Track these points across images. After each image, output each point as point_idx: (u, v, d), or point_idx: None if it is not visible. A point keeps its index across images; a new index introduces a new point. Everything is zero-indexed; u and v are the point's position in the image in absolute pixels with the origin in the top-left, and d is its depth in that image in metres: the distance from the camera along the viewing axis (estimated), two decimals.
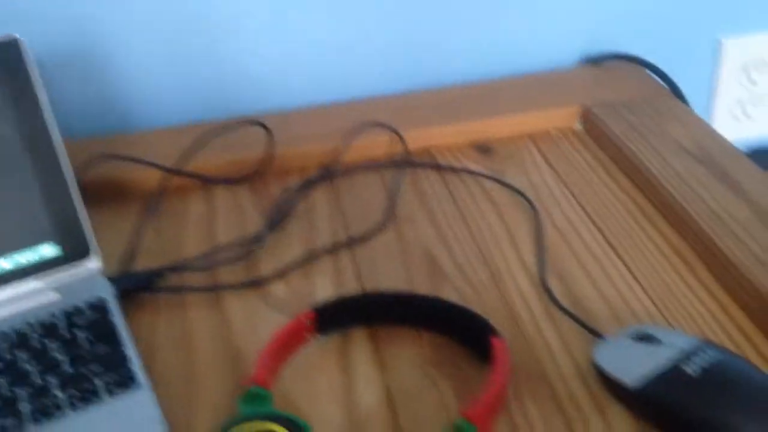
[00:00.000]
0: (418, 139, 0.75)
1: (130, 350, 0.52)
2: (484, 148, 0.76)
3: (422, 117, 0.78)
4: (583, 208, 0.66)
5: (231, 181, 0.73)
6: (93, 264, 0.58)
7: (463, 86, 0.83)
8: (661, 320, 0.53)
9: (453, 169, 0.73)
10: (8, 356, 0.51)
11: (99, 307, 0.55)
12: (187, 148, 0.73)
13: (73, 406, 0.47)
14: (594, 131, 0.76)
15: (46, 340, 0.52)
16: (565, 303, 0.55)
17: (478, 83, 0.83)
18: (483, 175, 0.71)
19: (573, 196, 0.68)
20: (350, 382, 0.51)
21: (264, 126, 0.72)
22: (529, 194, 0.68)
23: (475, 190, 0.70)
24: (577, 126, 0.79)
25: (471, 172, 0.72)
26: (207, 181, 0.72)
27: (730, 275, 0.55)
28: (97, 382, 0.49)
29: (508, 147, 0.76)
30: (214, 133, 0.73)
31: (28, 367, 0.50)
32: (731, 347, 0.51)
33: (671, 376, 0.44)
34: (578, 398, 0.47)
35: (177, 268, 0.61)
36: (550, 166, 0.72)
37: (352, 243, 0.64)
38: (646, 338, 0.47)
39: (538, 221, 0.64)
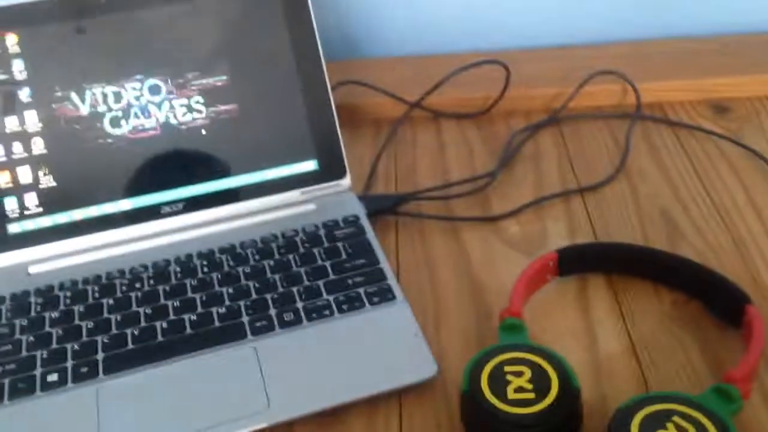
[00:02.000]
0: (649, 90, 0.74)
1: (386, 265, 0.56)
2: (720, 107, 0.73)
3: (655, 69, 0.76)
4: None
5: (460, 116, 0.75)
6: (346, 182, 0.63)
7: (695, 39, 0.80)
8: None
9: (686, 126, 0.71)
10: (280, 257, 0.57)
11: (354, 223, 0.60)
12: (425, 82, 0.75)
13: (340, 310, 0.53)
14: None
15: (310, 246, 0.57)
16: None
17: (711, 37, 0.80)
18: (719, 135, 0.69)
19: None
20: (589, 325, 0.52)
21: (505, 66, 0.73)
22: None
23: (711, 149, 0.68)
24: None
25: (706, 131, 0.70)
26: (438, 115, 0.75)
27: None
28: (360, 290, 0.54)
29: (746, 107, 0.73)
30: (450, 69, 0.75)
31: (295, 268, 0.56)
32: None
33: None
34: None
35: (416, 195, 0.65)
36: None
37: (583, 190, 0.65)
38: None
39: None
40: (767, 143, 0.68)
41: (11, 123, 0.58)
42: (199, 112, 0.60)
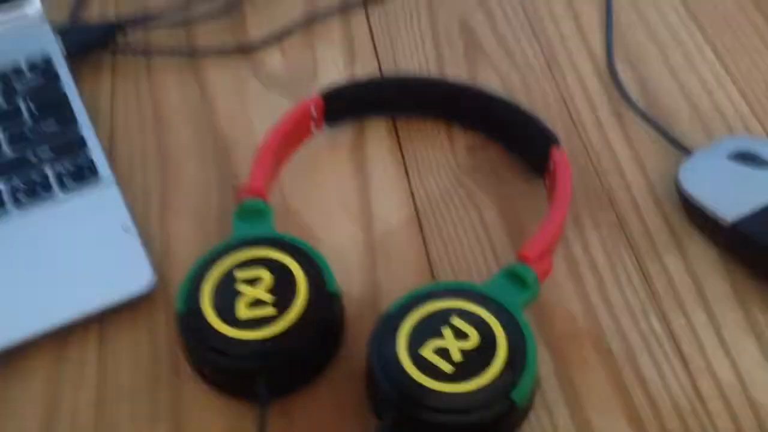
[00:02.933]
0: None
1: (87, 129, 0.40)
2: None
3: None
4: None
5: None
6: (35, 8, 0.44)
7: None
8: (761, 132, 0.43)
9: None
10: None
11: (44, 69, 0.42)
12: None
13: (16, 202, 0.37)
14: None
15: None
16: (640, 103, 0.44)
17: None
18: None
19: None
20: (366, 189, 0.41)
21: None
22: None
23: None
24: None
25: None
26: None
27: None
28: (47, 171, 0.38)
29: None
30: None
31: None
32: None
33: None
34: (651, 228, 0.38)
35: (142, 21, 0.47)
36: None
37: (367, 1, 0.50)
38: (748, 158, 0.37)
39: None
40: None
41: None
42: None
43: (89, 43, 0.45)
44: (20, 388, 0.33)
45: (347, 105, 0.42)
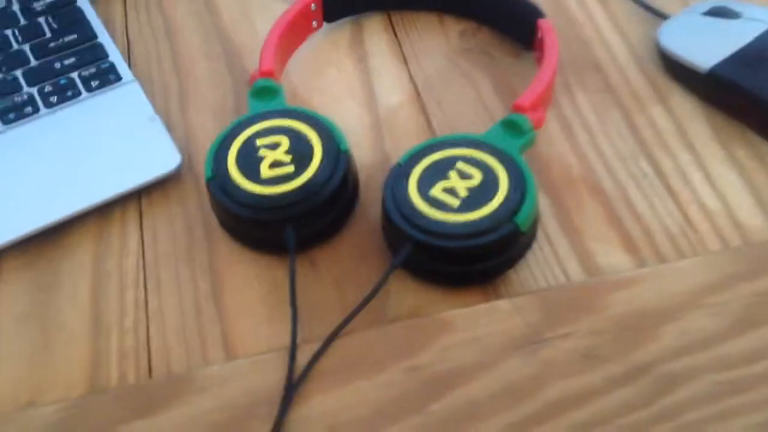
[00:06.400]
0: None
1: (106, 39, 0.43)
2: None
3: None
4: None
5: None
6: None
7: None
8: None
9: None
10: None
11: None
12: None
13: (48, 104, 0.40)
14: None
15: None
16: None
17: None
18: None
19: None
20: (367, 78, 0.43)
21: None
22: None
23: None
24: None
25: None
26: None
27: None
28: (73, 75, 0.41)
29: None
30: None
31: None
32: None
33: (752, 54, 0.38)
34: (636, 87, 0.41)
35: None
36: None
37: None
38: (721, 12, 0.40)
39: None
40: None
41: None
42: None
43: None
44: (69, 260, 0.36)
45: (345, 1, 0.45)
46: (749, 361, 0.30)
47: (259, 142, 0.36)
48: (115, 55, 0.42)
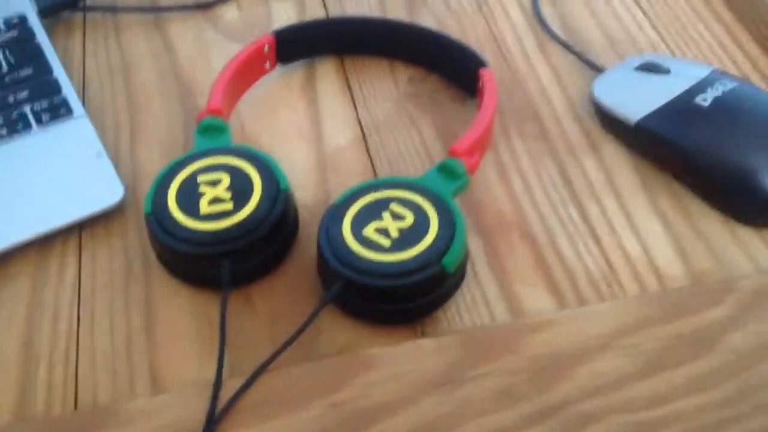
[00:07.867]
0: None
1: (62, 74, 0.44)
2: None
3: None
4: None
5: None
6: None
7: None
8: (666, 53, 0.48)
9: None
10: None
11: (19, 26, 0.46)
12: None
13: None
14: None
15: None
16: (559, 34, 0.49)
17: None
18: None
19: None
20: (316, 119, 0.45)
21: None
22: None
23: None
24: None
25: None
26: None
27: (747, 2, 0.49)
28: (25, 108, 0.42)
29: None
30: None
31: None
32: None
33: (678, 108, 0.40)
34: (570, 136, 0.43)
35: None
36: None
37: None
38: (652, 68, 0.42)
39: None
40: None
41: None
42: None
43: (60, 2, 0.49)
44: (7, 289, 0.37)
45: (298, 43, 0.47)
46: (656, 404, 0.32)
47: (200, 178, 0.37)
48: (68, 90, 0.44)
